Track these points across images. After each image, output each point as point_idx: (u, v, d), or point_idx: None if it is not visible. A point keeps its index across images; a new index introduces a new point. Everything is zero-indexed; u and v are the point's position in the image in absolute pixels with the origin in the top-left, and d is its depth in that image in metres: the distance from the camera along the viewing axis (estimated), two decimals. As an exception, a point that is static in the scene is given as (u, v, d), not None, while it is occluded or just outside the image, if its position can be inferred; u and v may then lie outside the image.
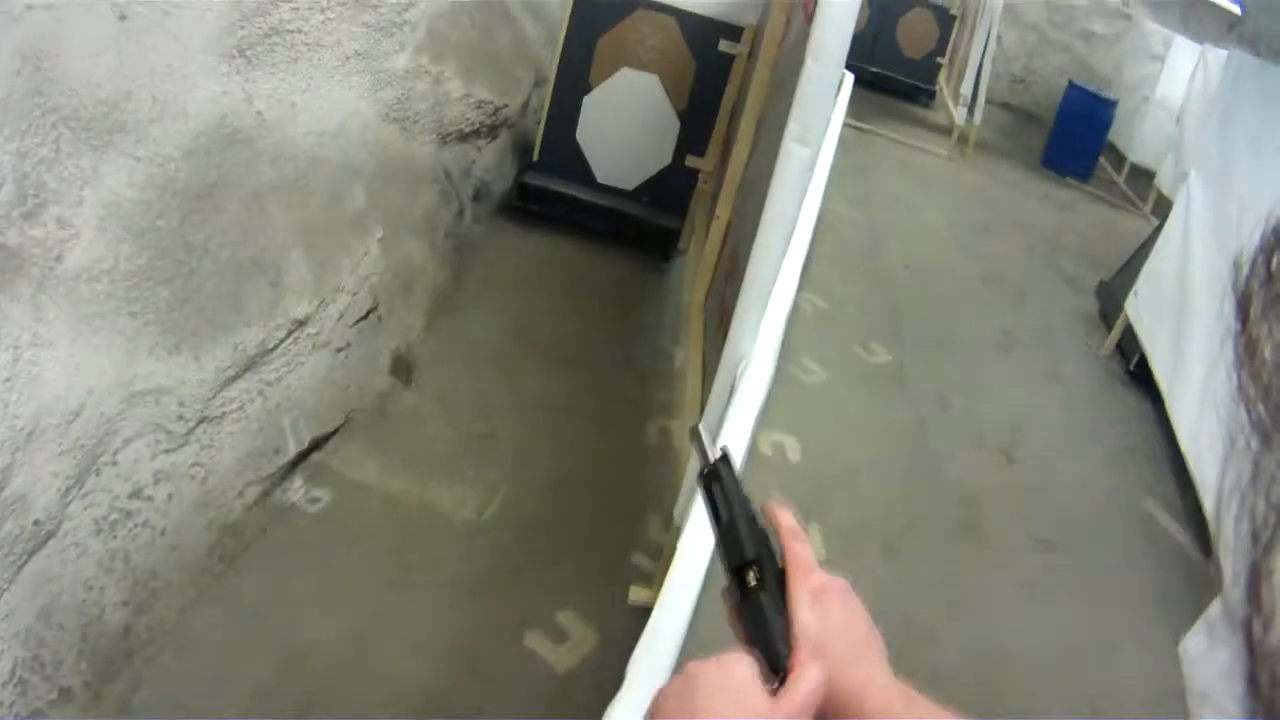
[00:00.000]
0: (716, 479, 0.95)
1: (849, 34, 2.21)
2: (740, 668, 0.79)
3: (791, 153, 2.31)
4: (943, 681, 3.38)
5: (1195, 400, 4.99)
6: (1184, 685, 3.10)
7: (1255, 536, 0.40)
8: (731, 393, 2.44)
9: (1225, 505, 0.42)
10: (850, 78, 6.42)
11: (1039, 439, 5.14)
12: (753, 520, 0.91)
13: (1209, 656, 2.90)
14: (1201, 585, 4.02)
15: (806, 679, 0.79)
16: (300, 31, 2.89)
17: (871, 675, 0.84)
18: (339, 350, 3.38)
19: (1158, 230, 6.48)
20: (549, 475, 3.64)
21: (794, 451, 4.31)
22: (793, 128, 2.29)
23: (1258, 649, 0.39)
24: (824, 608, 0.87)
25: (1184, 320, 5.38)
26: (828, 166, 4.25)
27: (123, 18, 2.32)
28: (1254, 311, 0.41)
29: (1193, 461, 4.70)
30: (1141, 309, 6.19)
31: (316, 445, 3.35)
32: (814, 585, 0.88)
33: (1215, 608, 3.72)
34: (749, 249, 2.44)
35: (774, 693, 0.78)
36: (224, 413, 2.86)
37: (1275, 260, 0.41)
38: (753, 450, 4.17)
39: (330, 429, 3.40)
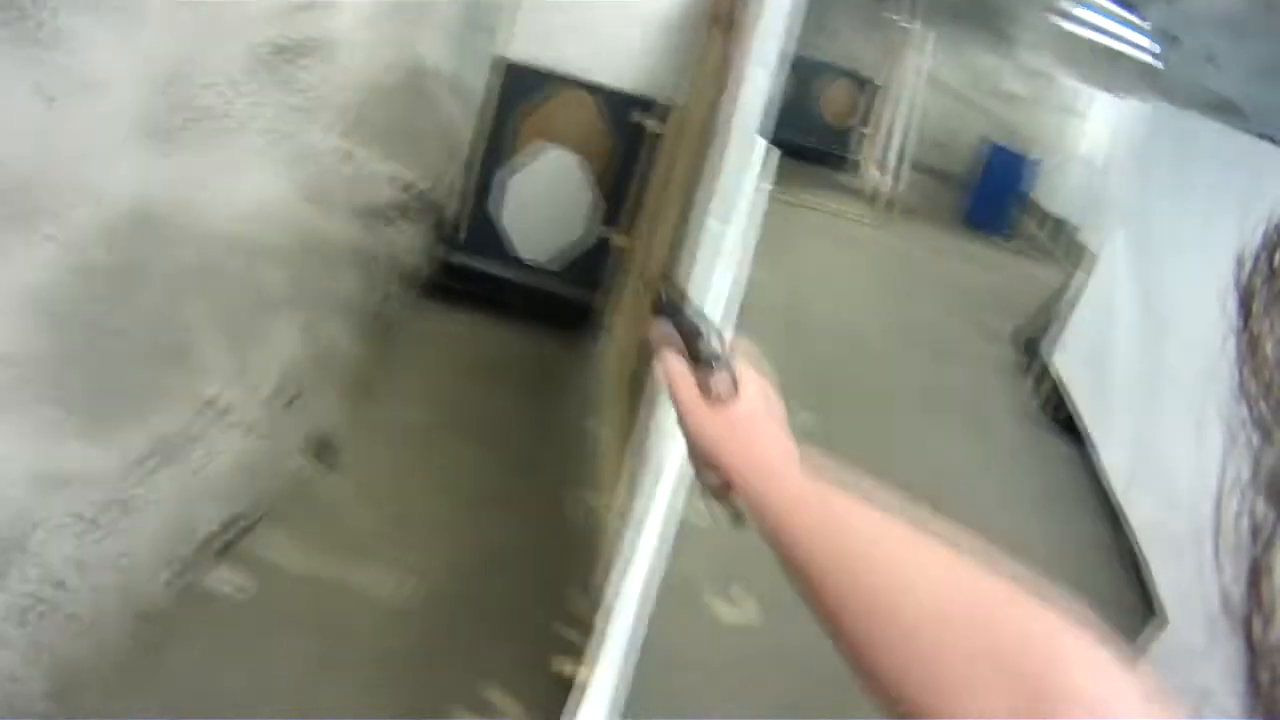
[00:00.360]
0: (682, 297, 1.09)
1: (767, 108, 2.31)
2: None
3: (710, 229, 2.38)
4: None
5: (1125, 442, 5.14)
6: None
7: (1255, 533, 0.40)
8: (656, 464, 2.52)
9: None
10: (774, 152, 6.62)
11: (964, 491, 5.25)
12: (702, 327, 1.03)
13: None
14: (1139, 627, 4.04)
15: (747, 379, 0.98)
16: (226, 115, 2.94)
17: (790, 453, 0.94)
18: (258, 433, 3.39)
19: (1080, 282, 6.70)
20: (470, 552, 3.66)
21: (723, 519, 4.33)
22: (712, 204, 2.37)
23: (1258, 646, 0.39)
24: (758, 378, 1.02)
25: (1108, 369, 5.57)
26: (751, 239, 4.37)
27: (51, 99, 2.36)
28: (1256, 308, 0.41)
29: (1124, 506, 4.87)
30: (1067, 359, 6.41)
31: (237, 530, 3.34)
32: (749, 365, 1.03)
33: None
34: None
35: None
36: (144, 500, 2.86)
37: (1278, 257, 0.40)
38: (678, 517, 4.23)
39: (249, 513, 3.39)
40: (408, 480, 3.94)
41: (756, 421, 0.97)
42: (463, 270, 5.34)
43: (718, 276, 2.62)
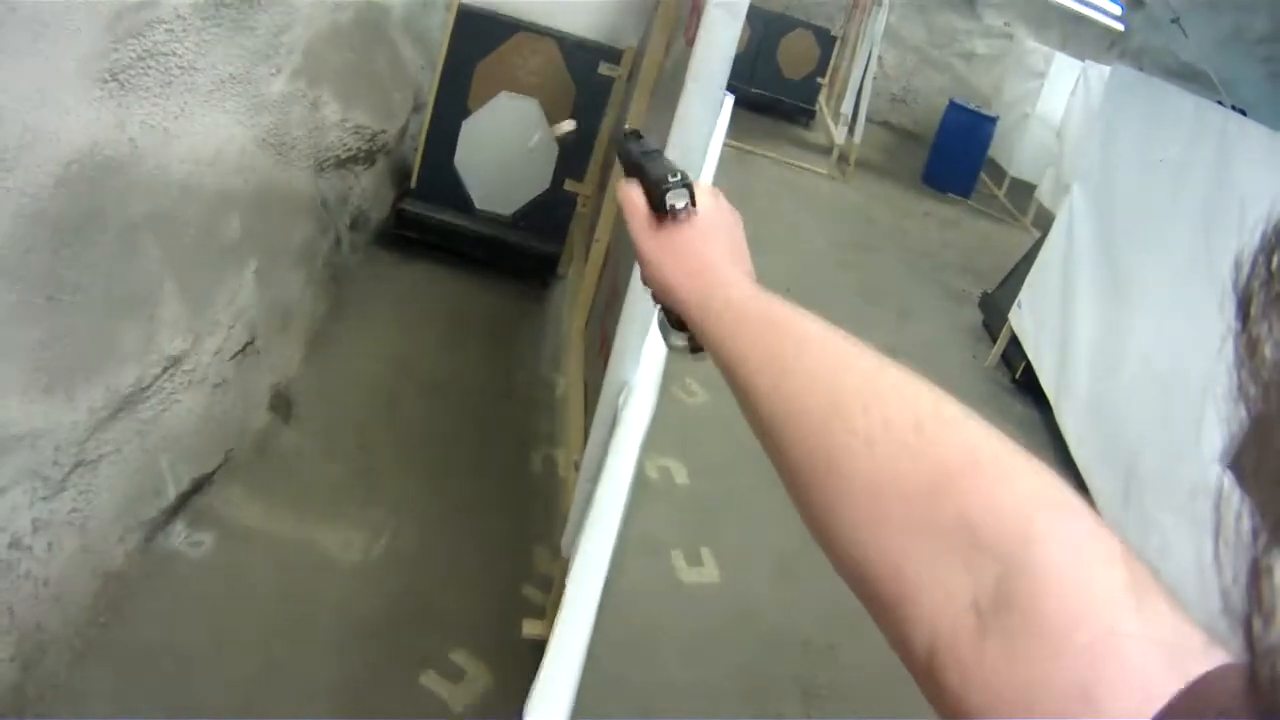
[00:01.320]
0: (634, 139, 1.13)
1: (730, 57, 2.31)
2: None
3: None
4: (846, 697, 3.50)
5: (1083, 407, 5.25)
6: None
7: (1255, 533, 0.40)
8: (615, 420, 2.48)
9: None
10: (730, 99, 6.61)
11: None
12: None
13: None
14: None
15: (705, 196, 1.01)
16: (175, 54, 2.89)
17: (738, 267, 0.96)
18: (216, 386, 3.37)
19: (1040, 242, 6.80)
20: (434, 510, 3.68)
21: (680, 475, 4.44)
22: (671, 152, 2.37)
23: (1258, 646, 0.39)
24: (719, 200, 1.03)
25: (1068, 330, 5.67)
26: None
27: (-4, 45, 2.33)
28: (1254, 310, 0.41)
29: (1083, 467, 4.96)
30: (1025, 320, 6.51)
31: (197, 487, 3.33)
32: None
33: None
34: (628, 275, 2.50)
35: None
36: (100, 455, 2.84)
37: (1275, 259, 0.40)
38: (639, 476, 4.26)
39: (210, 469, 3.38)
40: (366, 434, 3.94)
41: (708, 237, 0.98)
42: (419, 219, 5.31)
43: None
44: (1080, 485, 4.89)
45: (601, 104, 5.19)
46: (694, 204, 0.99)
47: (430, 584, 3.33)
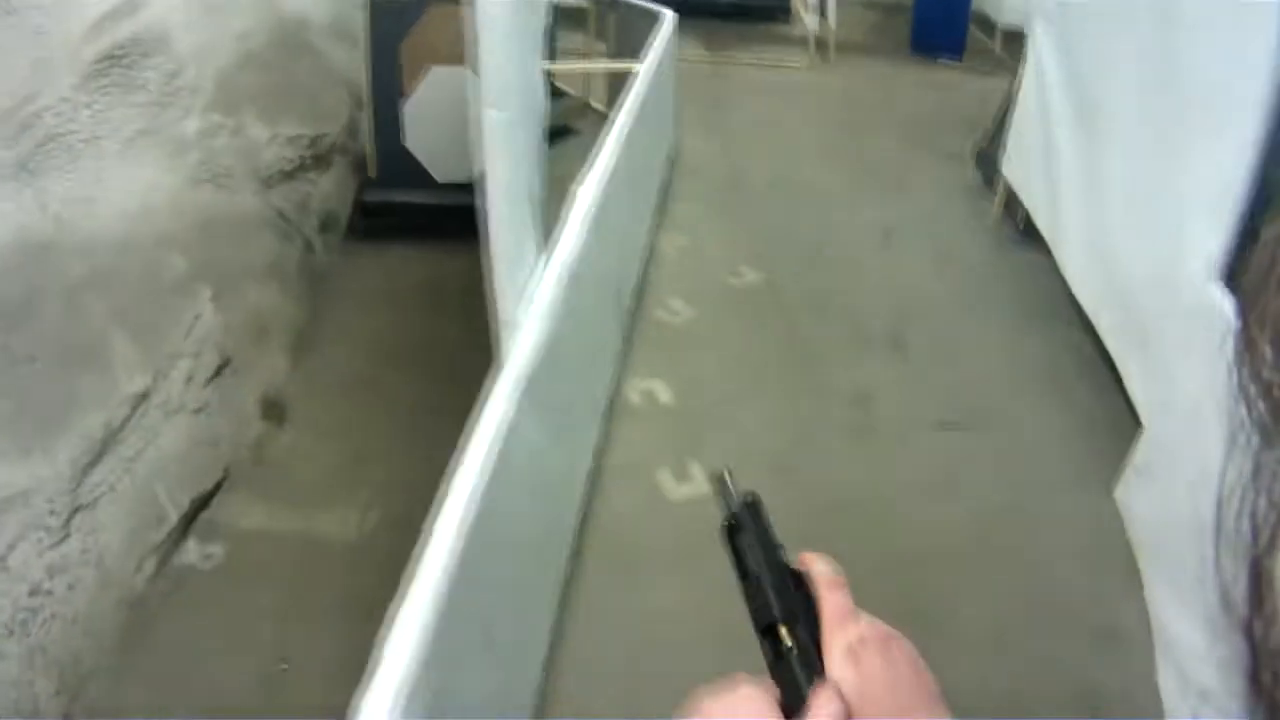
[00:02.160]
0: (740, 530, 0.91)
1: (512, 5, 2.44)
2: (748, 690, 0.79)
3: (489, 119, 2.50)
4: (859, 598, 3.66)
5: (1078, 245, 5.25)
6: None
7: (1256, 535, 0.41)
8: (500, 364, 2.67)
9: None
10: (671, 15, 6.78)
11: (931, 323, 5.32)
12: (783, 571, 0.87)
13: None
14: (1125, 433, 3.96)
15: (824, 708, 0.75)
16: (73, 132, 3.22)
17: None
18: (196, 412, 3.73)
19: (1016, 87, 6.76)
20: (424, 477, 3.94)
21: (665, 395, 4.55)
22: (485, 93, 2.48)
23: (1260, 648, 0.40)
24: (861, 661, 0.81)
25: (1053, 170, 5.66)
26: (629, 117, 4.56)
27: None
28: (1254, 310, 0.42)
29: (1086, 304, 4.88)
30: (1014, 167, 6.48)
31: (201, 505, 3.71)
32: (851, 638, 0.82)
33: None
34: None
35: None
36: (96, 497, 3.22)
37: (1276, 257, 0.41)
38: (619, 401, 4.41)
39: (209, 486, 3.76)
40: (357, 423, 4.27)
41: None
42: (383, 206, 5.62)
43: (522, 174, 2.77)
44: (1087, 324, 4.84)
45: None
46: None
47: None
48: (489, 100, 2.52)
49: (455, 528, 2.11)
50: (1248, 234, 3.66)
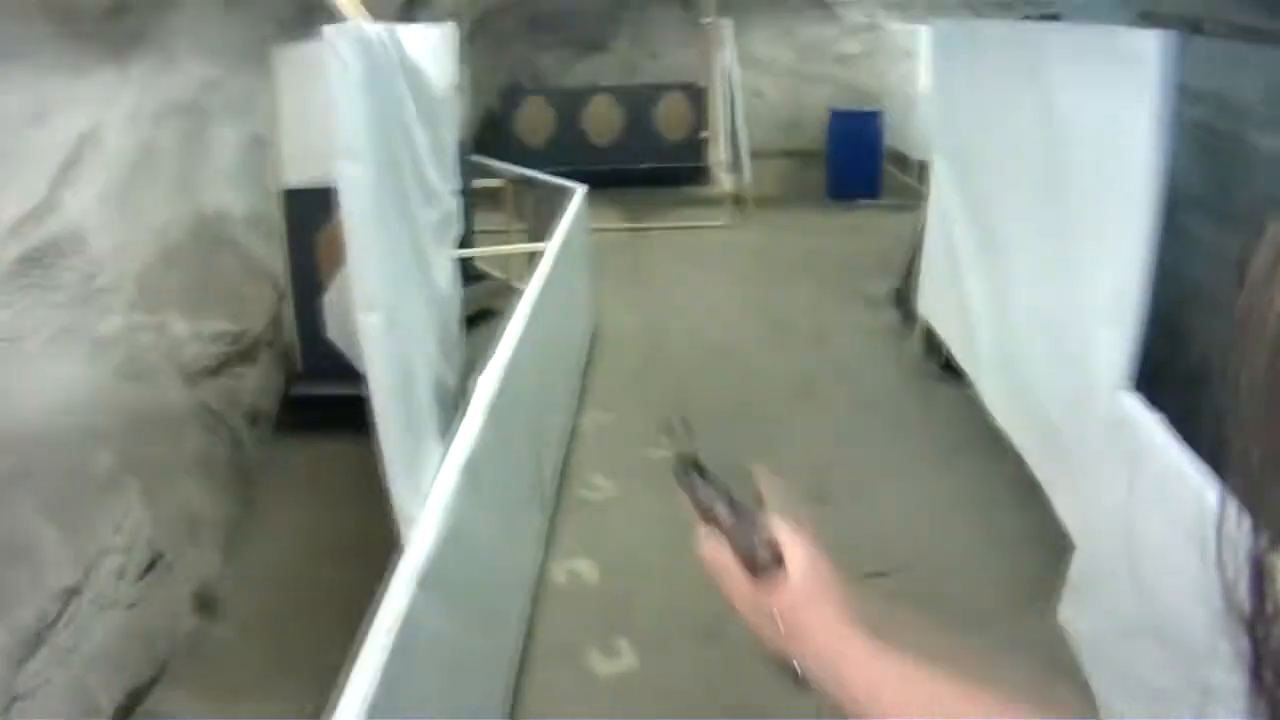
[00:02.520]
0: (689, 469, 1.19)
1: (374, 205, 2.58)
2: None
3: (362, 323, 2.65)
4: None
5: (992, 372, 5.24)
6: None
7: (1257, 534, 0.41)
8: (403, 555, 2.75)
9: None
10: (582, 189, 7.07)
11: (855, 471, 5.38)
12: (730, 497, 1.15)
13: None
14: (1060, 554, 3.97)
15: (796, 557, 1.05)
16: (-10, 337, 3.36)
17: (841, 629, 1.03)
18: (129, 607, 3.77)
19: (923, 224, 6.82)
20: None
21: (591, 574, 4.61)
22: (357, 296, 2.63)
23: (1262, 647, 0.41)
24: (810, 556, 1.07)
25: (964, 300, 5.75)
26: (534, 299, 4.71)
27: None
28: (1253, 313, 0.42)
29: (1004, 429, 4.95)
30: (929, 302, 6.64)
31: (137, 698, 3.72)
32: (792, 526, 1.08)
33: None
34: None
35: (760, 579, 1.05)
36: (33, 688, 3.25)
37: (1276, 264, 0.42)
38: (545, 582, 4.44)
39: (145, 679, 3.77)
40: (291, 616, 4.27)
41: (805, 602, 1.04)
42: (309, 399, 5.70)
43: (413, 370, 2.93)
44: (1013, 452, 4.84)
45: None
46: (781, 563, 1.04)
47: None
48: (361, 303, 2.65)
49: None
50: (1169, 334, 3.80)
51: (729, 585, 1.08)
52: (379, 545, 4.65)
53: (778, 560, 1.05)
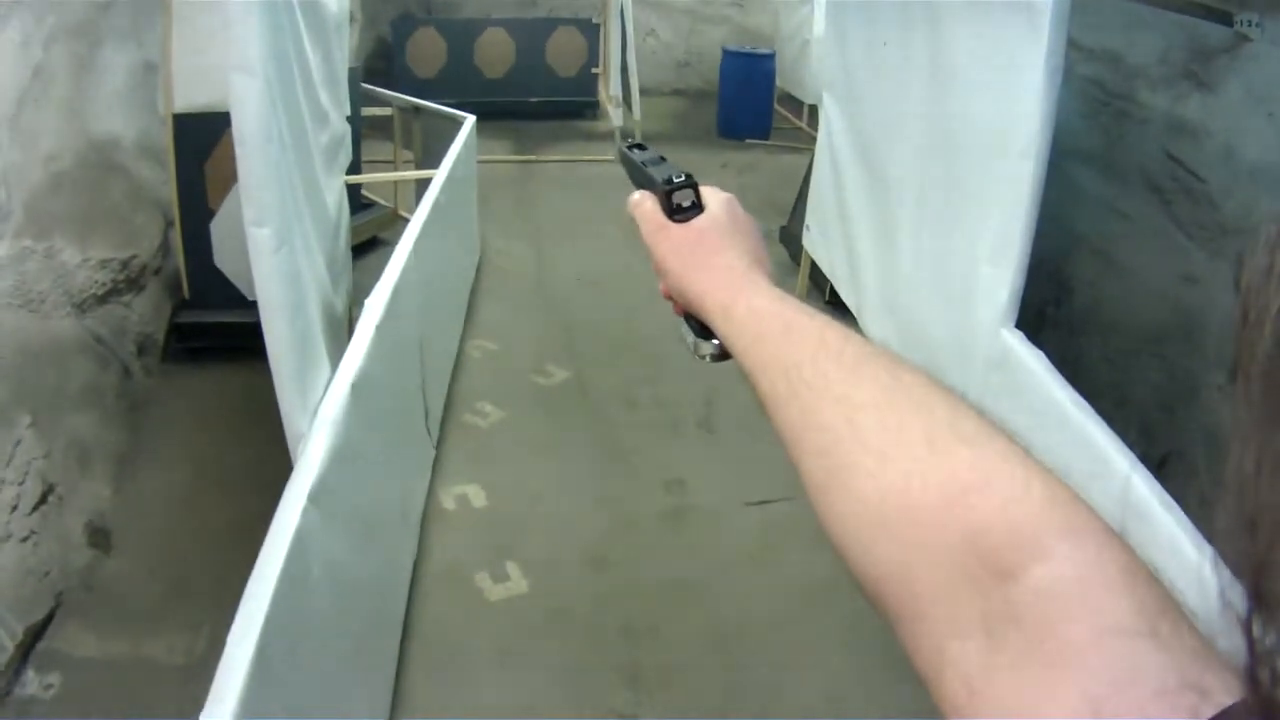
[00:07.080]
0: (633, 143, 1.27)
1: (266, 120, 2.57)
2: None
3: (253, 236, 2.63)
4: (674, 677, 3.62)
5: (878, 312, 5.35)
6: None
7: (1255, 532, 0.41)
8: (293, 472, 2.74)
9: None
10: (471, 119, 7.03)
11: (739, 402, 5.29)
12: (662, 161, 1.19)
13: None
14: None
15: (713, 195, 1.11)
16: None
17: (751, 268, 1.03)
18: (23, 540, 3.72)
19: (811, 163, 6.96)
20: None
21: (478, 498, 4.63)
22: (246, 210, 2.60)
23: (1258, 645, 0.40)
24: (732, 205, 1.12)
25: (851, 240, 5.86)
26: (421, 226, 4.69)
27: None
28: (1253, 312, 0.41)
29: None
30: (815, 241, 6.73)
31: (37, 634, 3.68)
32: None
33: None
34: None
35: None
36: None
37: (1276, 259, 0.40)
38: (434, 507, 4.50)
39: (43, 615, 3.73)
40: (183, 545, 4.25)
41: (724, 237, 1.05)
42: (197, 327, 5.63)
43: (304, 289, 2.93)
44: None
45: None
46: (700, 202, 1.09)
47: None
48: (251, 218, 2.63)
49: (250, 639, 2.18)
50: (1053, 281, 3.92)
51: (648, 226, 1.10)
52: (271, 472, 4.66)
53: (699, 207, 1.09)
